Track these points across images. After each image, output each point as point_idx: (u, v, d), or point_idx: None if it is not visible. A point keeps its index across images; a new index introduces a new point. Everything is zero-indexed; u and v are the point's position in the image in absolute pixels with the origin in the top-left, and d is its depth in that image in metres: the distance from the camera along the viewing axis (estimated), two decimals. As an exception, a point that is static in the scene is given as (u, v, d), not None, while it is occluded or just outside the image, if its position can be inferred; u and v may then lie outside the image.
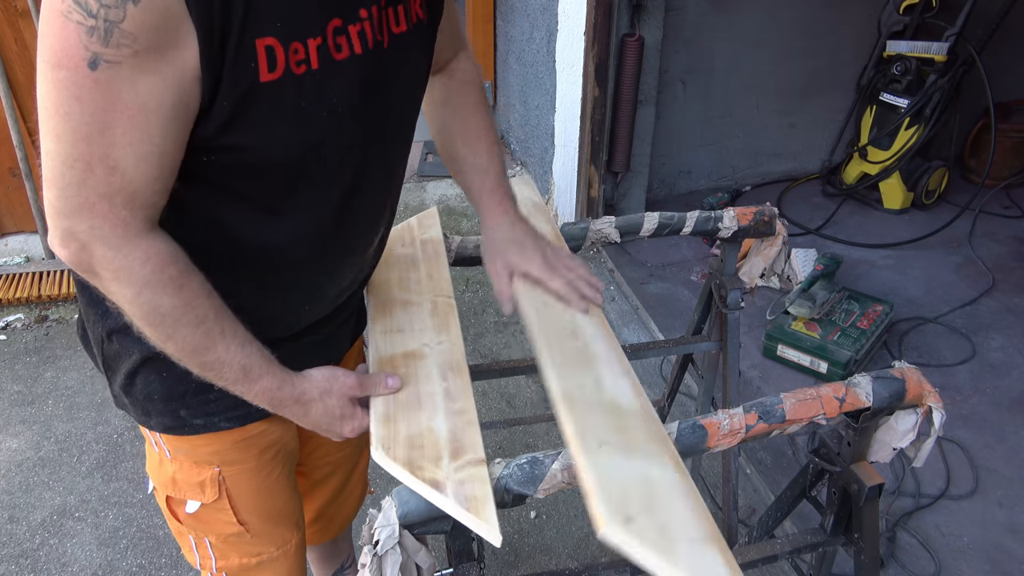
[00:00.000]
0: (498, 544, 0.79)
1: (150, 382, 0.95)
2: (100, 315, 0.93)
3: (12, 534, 2.01)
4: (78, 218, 0.72)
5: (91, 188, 0.71)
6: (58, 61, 0.65)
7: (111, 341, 0.94)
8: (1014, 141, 3.46)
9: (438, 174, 3.62)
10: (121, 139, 0.69)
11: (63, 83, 0.66)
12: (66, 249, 0.75)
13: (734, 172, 3.65)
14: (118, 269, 0.75)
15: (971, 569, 1.83)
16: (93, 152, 0.69)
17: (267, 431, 1.05)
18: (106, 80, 0.66)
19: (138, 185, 0.72)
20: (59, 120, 0.68)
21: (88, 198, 0.71)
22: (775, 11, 3.22)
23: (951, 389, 2.38)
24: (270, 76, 0.73)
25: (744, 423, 0.95)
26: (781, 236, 1.49)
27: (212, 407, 0.97)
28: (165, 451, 1.03)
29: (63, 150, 0.69)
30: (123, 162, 0.70)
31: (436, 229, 1.30)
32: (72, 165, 0.69)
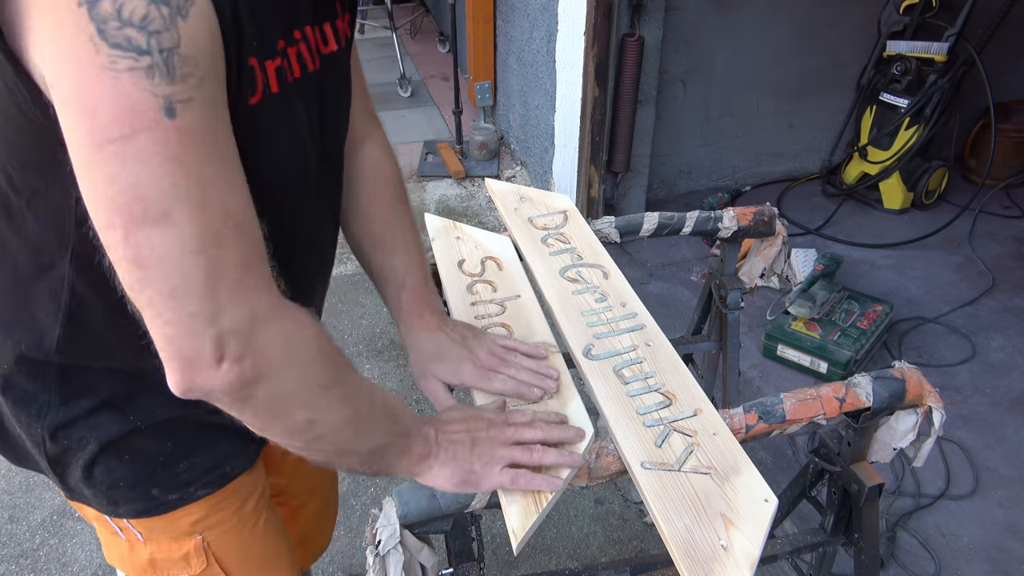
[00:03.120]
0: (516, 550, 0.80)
1: (112, 469, 0.83)
2: (36, 414, 0.79)
3: (12, 534, 2.01)
4: (235, 307, 0.59)
5: (231, 263, 0.58)
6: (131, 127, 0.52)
7: (56, 440, 0.80)
8: (1014, 141, 3.46)
9: (437, 174, 3.62)
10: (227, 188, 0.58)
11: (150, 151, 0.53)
12: (222, 364, 0.59)
13: (734, 172, 3.65)
14: (293, 336, 0.64)
15: (971, 569, 1.83)
16: (216, 217, 0.57)
17: (244, 482, 0.94)
18: (188, 125, 0.54)
19: (256, 235, 0.61)
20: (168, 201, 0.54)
21: (235, 275, 0.59)
22: (775, 11, 3.22)
23: (951, 389, 2.38)
24: (252, 100, 0.65)
25: (744, 423, 0.95)
26: (781, 236, 1.49)
27: (185, 477, 0.87)
28: (136, 535, 0.90)
29: (188, 237, 0.55)
30: (239, 214, 0.59)
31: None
32: (203, 246, 0.56)
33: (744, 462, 0.87)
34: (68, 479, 0.85)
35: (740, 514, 0.81)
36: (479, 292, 1.17)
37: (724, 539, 0.79)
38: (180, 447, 0.85)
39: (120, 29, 0.51)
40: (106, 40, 0.51)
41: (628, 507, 2.05)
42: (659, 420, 0.93)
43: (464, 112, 3.73)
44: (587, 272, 1.20)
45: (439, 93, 4.54)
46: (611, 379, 0.99)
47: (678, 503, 0.82)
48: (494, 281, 1.20)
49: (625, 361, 1.02)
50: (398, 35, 4.47)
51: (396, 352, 2.62)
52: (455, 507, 0.86)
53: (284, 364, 0.64)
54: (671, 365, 1.02)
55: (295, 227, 0.82)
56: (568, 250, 1.26)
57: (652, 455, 0.88)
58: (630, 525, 2.00)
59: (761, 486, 0.85)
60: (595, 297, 1.15)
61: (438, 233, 1.32)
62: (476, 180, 3.62)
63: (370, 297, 2.90)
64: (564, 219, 1.34)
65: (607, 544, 1.95)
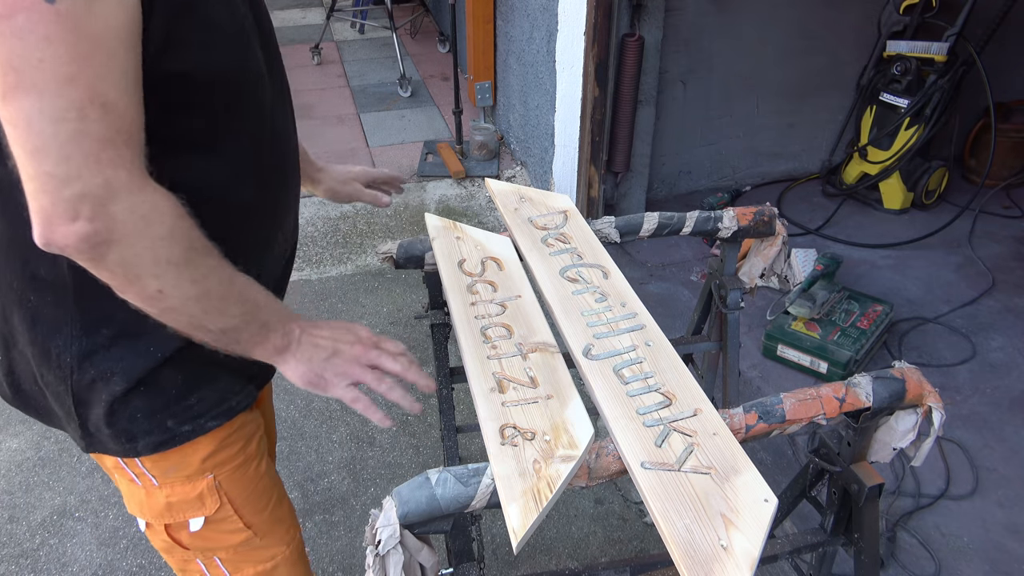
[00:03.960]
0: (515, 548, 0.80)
1: (130, 401, 0.90)
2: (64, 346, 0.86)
3: (12, 534, 2.01)
4: (89, 175, 0.66)
5: (91, 136, 0.65)
6: (11, 8, 0.60)
7: (83, 370, 0.87)
8: (1014, 141, 3.46)
9: (437, 174, 3.62)
10: (101, 71, 0.65)
11: (26, 28, 0.61)
12: (76, 222, 0.67)
13: (734, 172, 3.65)
14: (148, 212, 0.70)
15: (971, 569, 1.83)
16: (82, 94, 0.64)
17: (247, 421, 1.03)
18: (67, 11, 0.62)
19: (130, 119, 0.68)
20: (35, 72, 0.62)
21: (92, 148, 0.66)
22: (775, 11, 3.22)
23: (951, 389, 2.38)
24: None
25: (744, 423, 0.95)
26: (781, 236, 1.49)
27: (196, 409, 0.94)
28: (151, 479, 0.98)
29: (49, 105, 0.63)
30: (111, 95, 0.66)
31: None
32: (64, 117, 0.64)
33: (744, 462, 0.87)
34: (89, 420, 0.91)
35: (740, 514, 0.81)
36: (479, 292, 1.17)
37: (724, 539, 0.79)
38: (190, 380, 0.92)
39: None
40: None
41: (628, 507, 2.05)
42: (659, 420, 0.93)
43: (464, 112, 3.73)
44: (587, 272, 1.20)
45: (439, 93, 4.54)
46: (611, 379, 0.99)
47: (678, 503, 0.82)
48: (494, 281, 1.20)
49: (625, 361, 1.02)
50: (398, 35, 4.47)
51: (396, 352, 2.62)
52: (455, 507, 0.86)
53: (134, 234, 0.70)
54: (671, 365, 1.02)
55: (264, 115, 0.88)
56: (568, 250, 1.26)
57: (652, 455, 0.88)
58: (630, 525, 2.00)
59: (761, 486, 0.85)
60: (595, 297, 1.15)
61: (438, 233, 1.32)
62: (476, 180, 3.62)
63: (370, 297, 2.90)
64: (564, 219, 1.34)
65: (607, 544, 1.95)
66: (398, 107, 4.34)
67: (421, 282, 2.24)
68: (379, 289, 2.95)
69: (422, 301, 2.67)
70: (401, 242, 1.34)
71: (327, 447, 2.24)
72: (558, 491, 0.84)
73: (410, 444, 2.25)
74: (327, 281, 3.00)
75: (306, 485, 2.12)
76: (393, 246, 1.33)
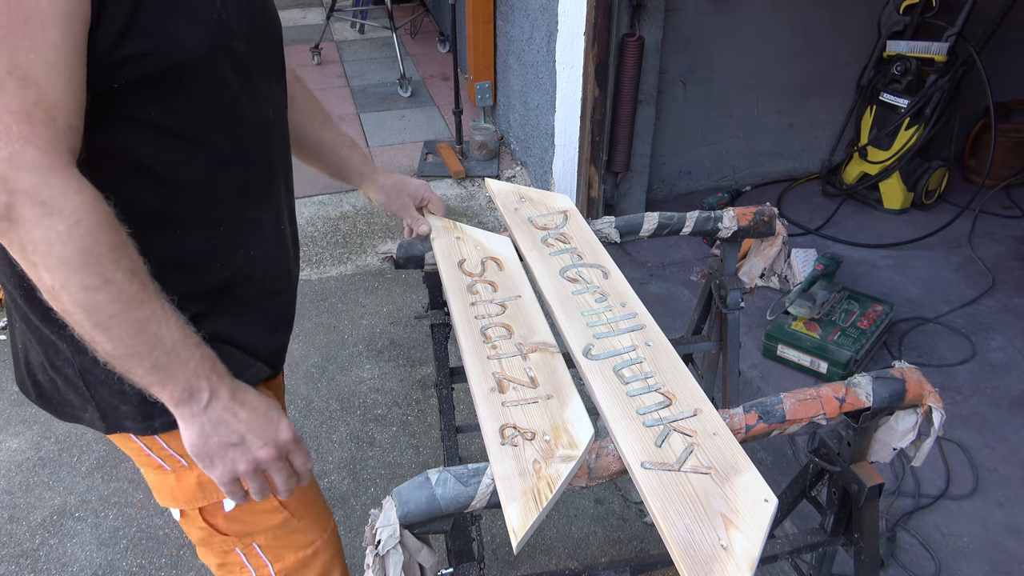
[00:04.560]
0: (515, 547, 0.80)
1: None
2: (60, 327, 0.82)
3: (12, 534, 2.01)
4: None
5: (5, 108, 0.65)
6: None
7: (83, 349, 0.83)
8: (1014, 141, 3.46)
9: (437, 174, 3.62)
10: (24, 43, 0.64)
11: None
12: None
13: (734, 172, 3.65)
14: (48, 199, 0.67)
15: (971, 569, 1.83)
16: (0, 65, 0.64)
17: (270, 395, 1.00)
18: None
19: (53, 99, 0.67)
20: None
21: (4, 120, 0.65)
22: (775, 11, 3.22)
23: (951, 389, 2.38)
24: None
25: (744, 423, 0.95)
26: (781, 236, 1.49)
27: None
28: (180, 460, 0.96)
29: None
30: (32, 70, 0.65)
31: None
32: None
33: (744, 462, 0.87)
34: (103, 399, 0.89)
35: (740, 514, 0.81)
36: (479, 292, 1.17)
37: (724, 539, 0.79)
38: None
39: None
40: None
41: (628, 507, 2.05)
42: (659, 420, 0.93)
43: (464, 112, 3.73)
44: (587, 272, 1.20)
45: (439, 93, 4.54)
46: (611, 379, 0.99)
47: (678, 503, 0.82)
48: (495, 281, 1.20)
49: (625, 361, 1.02)
50: (398, 35, 4.47)
51: (396, 352, 2.62)
52: (455, 507, 0.86)
53: (32, 219, 0.67)
54: (671, 365, 1.02)
55: (235, 107, 0.87)
56: (568, 250, 1.26)
57: (652, 455, 0.88)
58: (630, 525, 2.00)
59: (761, 486, 0.85)
60: (595, 297, 1.15)
61: (438, 233, 1.32)
62: (476, 180, 3.62)
63: (370, 297, 2.90)
64: (564, 219, 1.34)
65: (607, 544, 1.95)
66: (398, 107, 4.34)
67: (421, 282, 2.24)
68: (379, 289, 2.95)
69: (422, 301, 2.66)
70: (401, 242, 1.34)
71: (327, 447, 2.24)
72: (558, 491, 0.84)
73: (410, 444, 2.25)
74: (327, 281, 3.00)
75: (306, 485, 2.12)
76: (393, 246, 1.33)
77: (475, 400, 0.98)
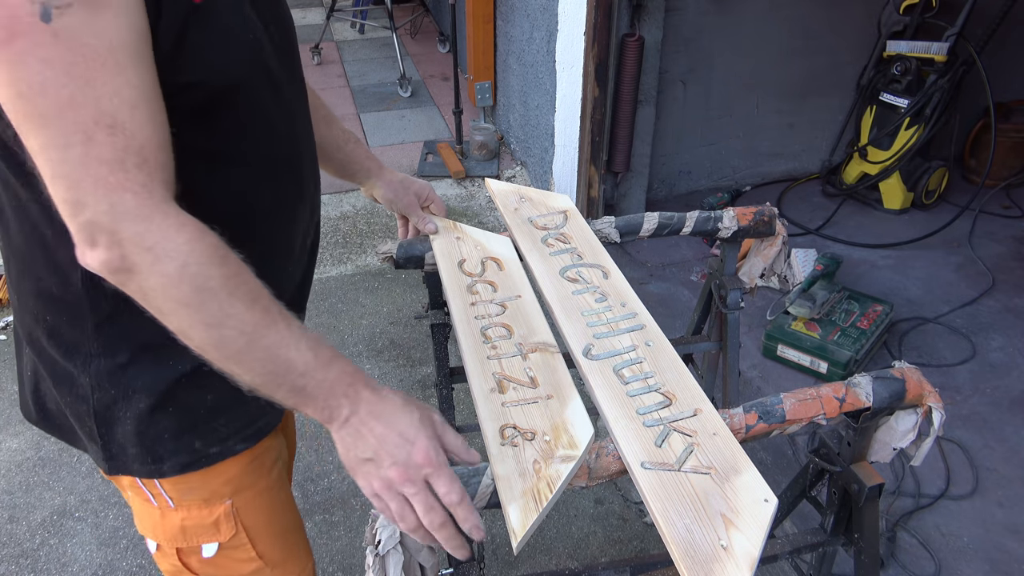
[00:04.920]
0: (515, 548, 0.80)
1: (157, 421, 0.86)
2: (82, 365, 0.83)
3: (12, 534, 2.01)
4: (96, 201, 0.64)
5: (98, 159, 0.63)
6: (9, 32, 0.58)
7: (102, 389, 0.84)
8: (1014, 141, 3.46)
9: (437, 174, 3.62)
10: (105, 90, 0.62)
11: (24, 54, 0.59)
12: (95, 249, 0.66)
13: (734, 172, 3.65)
14: (154, 244, 0.66)
15: (971, 569, 1.83)
16: (85, 116, 0.62)
17: (272, 445, 1.00)
18: (64, 29, 0.60)
19: (142, 139, 0.65)
20: (38, 99, 0.61)
21: (99, 172, 0.63)
22: (775, 11, 3.22)
23: (951, 389, 2.38)
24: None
25: (744, 423, 0.95)
26: (781, 236, 1.49)
27: (224, 431, 0.91)
28: (168, 501, 0.94)
29: (55, 132, 0.62)
30: (119, 115, 0.63)
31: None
32: (70, 142, 0.62)
33: (744, 462, 0.87)
34: (112, 440, 0.87)
35: (740, 514, 0.81)
36: (479, 292, 1.17)
37: (724, 539, 0.79)
38: (219, 401, 0.88)
39: None
40: None
41: (628, 507, 2.05)
42: (659, 420, 0.93)
43: (464, 112, 3.73)
44: (587, 272, 1.20)
45: (439, 93, 4.54)
46: (611, 379, 0.99)
47: (678, 503, 0.82)
48: (494, 281, 1.20)
49: (625, 361, 1.02)
50: (398, 35, 4.47)
51: (396, 352, 2.62)
52: (455, 507, 0.86)
53: (145, 267, 0.67)
54: (671, 365, 1.02)
55: (277, 119, 0.86)
56: (568, 250, 1.26)
57: (652, 455, 0.88)
58: (630, 525, 2.00)
59: (761, 486, 0.85)
60: (595, 297, 1.15)
61: (438, 232, 1.32)
62: (476, 180, 3.62)
63: (370, 297, 2.90)
64: (564, 219, 1.34)
65: (607, 544, 1.95)
66: (398, 107, 4.34)
67: (421, 282, 2.24)
68: (379, 289, 2.95)
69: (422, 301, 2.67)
70: (401, 242, 1.34)
71: (327, 447, 2.24)
72: (558, 491, 0.84)
73: (410, 444, 2.24)
74: (327, 281, 3.00)
75: (306, 485, 2.12)
76: (393, 246, 1.33)
77: (475, 400, 0.98)
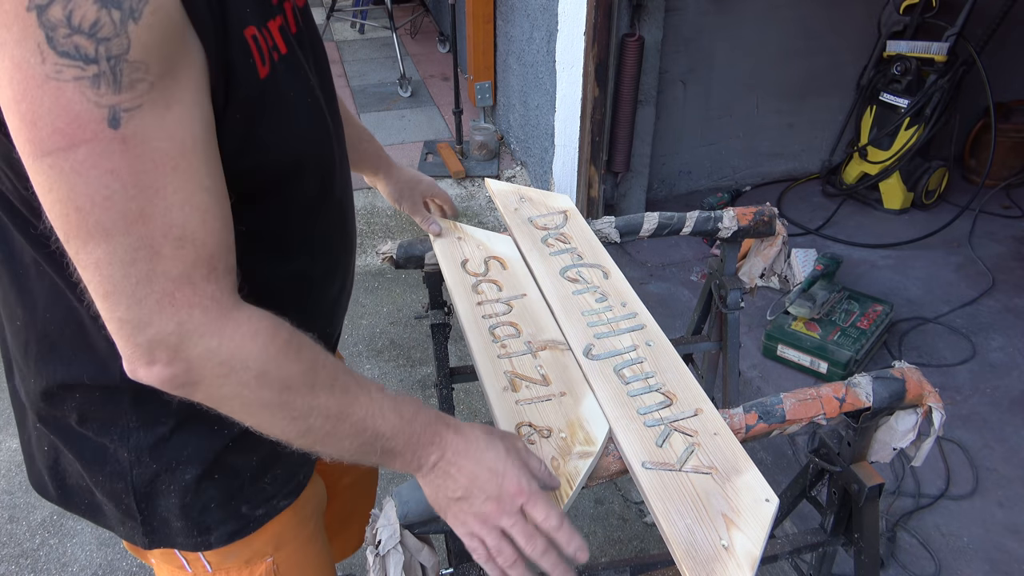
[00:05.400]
0: None
1: (203, 490, 0.82)
2: (120, 439, 0.78)
3: (12, 534, 2.01)
4: (161, 320, 0.58)
5: (165, 275, 0.57)
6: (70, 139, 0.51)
7: (143, 464, 0.79)
8: (1014, 141, 3.46)
9: (437, 174, 3.62)
10: (176, 198, 0.56)
11: (88, 163, 0.52)
12: (153, 367, 0.60)
13: (734, 172, 3.65)
14: (228, 358, 0.62)
15: (971, 569, 1.83)
16: (154, 230, 0.56)
17: (312, 494, 0.96)
18: (133, 134, 0.53)
19: (212, 247, 0.60)
20: (101, 212, 0.54)
21: (165, 289, 0.58)
22: (775, 11, 3.22)
23: (951, 389, 2.38)
24: (264, 69, 0.63)
25: (744, 423, 0.95)
26: (781, 236, 1.49)
27: (269, 490, 0.87)
28: (205, 566, 0.88)
29: (118, 247, 0.55)
30: (188, 226, 0.57)
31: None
32: (135, 258, 0.56)
33: (745, 462, 0.87)
34: (154, 515, 0.82)
35: (741, 514, 0.81)
36: (484, 292, 1.17)
37: (725, 539, 0.79)
38: (264, 459, 0.85)
39: (69, 36, 0.49)
40: (54, 48, 0.49)
41: (628, 507, 2.05)
42: (660, 420, 0.93)
43: (464, 112, 3.72)
44: (587, 272, 1.20)
45: (439, 93, 4.54)
46: (612, 379, 0.99)
47: (679, 503, 0.82)
48: (499, 280, 1.20)
49: (626, 361, 1.02)
50: (398, 35, 4.47)
51: (396, 352, 2.62)
52: (456, 507, 0.86)
53: (217, 379, 0.63)
54: (671, 365, 1.02)
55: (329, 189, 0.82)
56: (568, 250, 1.26)
57: (653, 455, 0.88)
58: (630, 525, 2.00)
59: (762, 486, 0.85)
60: (595, 297, 1.15)
61: (442, 235, 1.32)
62: (476, 180, 3.62)
63: (370, 297, 2.90)
64: (564, 219, 1.34)
65: (607, 544, 1.95)
66: (398, 107, 4.34)
67: (421, 282, 2.24)
68: (379, 289, 2.95)
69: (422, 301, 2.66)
70: (401, 242, 1.34)
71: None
72: (578, 487, 0.85)
73: (410, 444, 2.24)
74: (327, 281, 2.99)
75: (306, 485, 2.12)
76: (393, 246, 1.33)
77: (488, 400, 0.98)
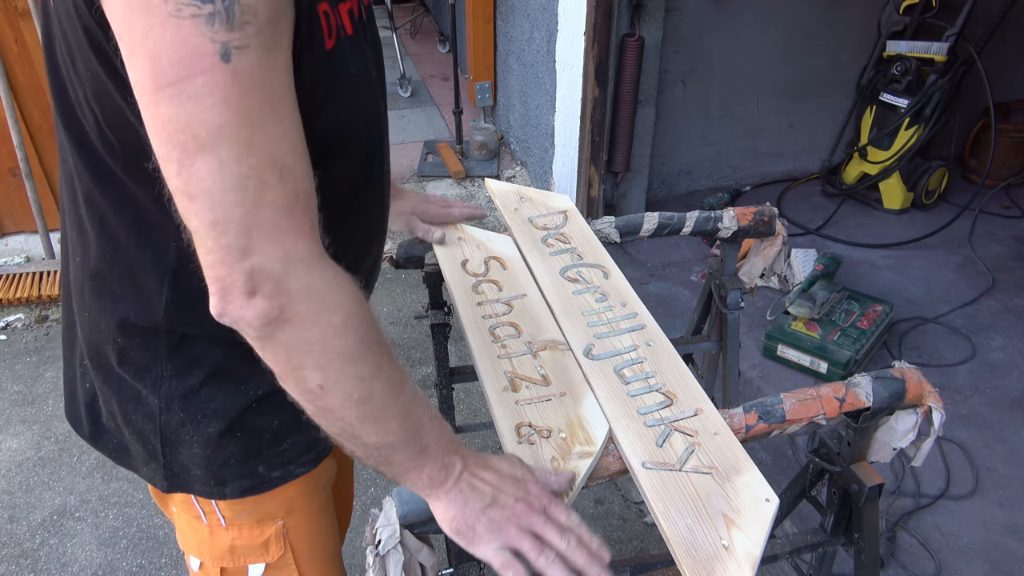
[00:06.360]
0: None
1: (225, 445, 0.85)
2: (152, 386, 0.82)
3: (12, 534, 2.01)
4: (268, 248, 0.61)
5: (272, 204, 0.61)
6: (188, 71, 0.56)
7: (171, 411, 0.82)
8: (1014, 141, 3.46)
9: (437, 174, 3.62)
10: (276, 132, 0.61)
11: (204, 93, 0.57)
12: (254, 297, 0.62)
13: (734, 172, 3.65)
14: (324, 292, 0.64)
15: (971, 569, 1.83)
16: (262, 159, 0.60)
17: (327, 468, 0.98)
18: (243, 70, 0.58)
19: (307, 184, 0.64)
20: (216, 140, 0.58)
21: (273, 217, 0.61)
22: (775, 11, 3.22)
23: (951, 389, 2.38)
24: (330, 43, 0.68)
25: (744, 423, 0.95)
26: (781, 236, 1.49)
27: (288, 455, 0.89)
28: (220, 519, 0.91)
29: (229, 174, 0.59)
30: (288, 159, 0.62)
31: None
32: (244, 185, 0.59)
33: (745, 462, 0.87)
34: (176, 460, 0.86)
35: (741, 513, 0.81)
36: (485, 292, 1.17)
37: (726, 539, 0.79)
38: (285, 425, 0.87)
39: None
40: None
41: (628, 507, 2.05)
42: (660, 420, 0.93)
43: (464, 112, 3.73)
44: (587, 272, 1.20)
45: (439, 93, 4.54)
46: (612, 379, 0.99)
47: (679, 503, 0.82)
48: (499, 280, 1.20)
49: (626, 361, 1.02)
50: (398, 35, 4.46)
51: (396, 352, 2.60)
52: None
53: (309, 316, 0.64)
54: (672, 365, 1.02)
55: (376, 171, 0.86)
56: (568, 250, 1.26)
57: (653, 455, 0.88)
58: (630, 525, 2.00)
59: (762, 486, 0.85)
60: (595, 297, 1.15)
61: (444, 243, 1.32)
62: (476, 180, 3.62)
63: (370, 297, 2.90)
64: (564, 219, 1.34)
65: (607, 544, 1.95)
66: (398, 107, 4.34)
67: (421, 282, 2.24)
68: (379, 289, 2.95)
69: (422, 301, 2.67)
70: (401, 242, 1.34)
71: (327, 447, 2.24)
72: (578, 488, 0.85)
73: (410, 444, 2.24)
74: (327, 281, 3.00)
75: (306, 485, 2.12)
76: (393, 246, 1.33)
77: (488, 400, 0.98)
